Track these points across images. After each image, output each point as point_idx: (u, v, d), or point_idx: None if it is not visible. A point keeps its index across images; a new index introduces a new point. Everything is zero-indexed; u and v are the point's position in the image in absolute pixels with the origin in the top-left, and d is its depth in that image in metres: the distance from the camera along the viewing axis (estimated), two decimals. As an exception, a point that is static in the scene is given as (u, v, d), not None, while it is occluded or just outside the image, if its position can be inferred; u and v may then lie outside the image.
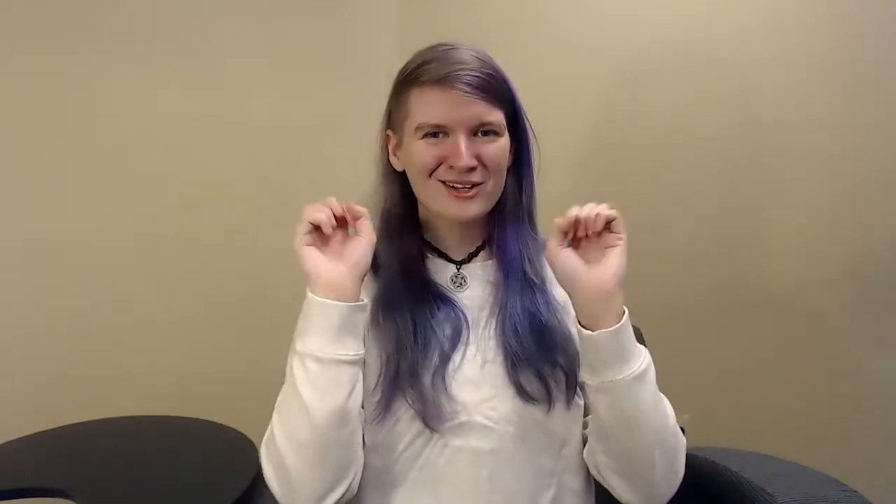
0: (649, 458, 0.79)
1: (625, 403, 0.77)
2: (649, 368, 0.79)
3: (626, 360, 0.77)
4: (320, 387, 0.76)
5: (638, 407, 0.77)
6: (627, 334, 0.77)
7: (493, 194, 0.87)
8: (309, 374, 0.76)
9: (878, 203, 1.68)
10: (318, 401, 0.75)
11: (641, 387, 0.77)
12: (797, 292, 1.73)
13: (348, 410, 0.77)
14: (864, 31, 1.64)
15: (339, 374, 0.77)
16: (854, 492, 0.93)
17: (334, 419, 0.76)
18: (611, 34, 1.71)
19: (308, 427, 0.75)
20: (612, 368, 0.77)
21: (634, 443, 0.79)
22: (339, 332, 0.76)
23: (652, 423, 0.78)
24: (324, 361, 0.76)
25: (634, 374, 0.76)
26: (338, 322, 0.76)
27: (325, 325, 0.76)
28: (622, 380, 0.76)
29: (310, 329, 0.77)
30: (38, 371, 1.60)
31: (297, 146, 1.71)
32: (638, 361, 0.77)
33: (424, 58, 0.84)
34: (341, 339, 0.77)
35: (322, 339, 0.76)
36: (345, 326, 0.77)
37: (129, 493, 1.12)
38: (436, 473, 0.84)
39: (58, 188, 1.60)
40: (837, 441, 1.71)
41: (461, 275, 0.91)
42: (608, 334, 0.76)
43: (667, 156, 1.72)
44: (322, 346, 0.76)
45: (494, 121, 0.84)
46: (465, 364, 0.86)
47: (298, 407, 0.76)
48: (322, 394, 0.76)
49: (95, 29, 1.59)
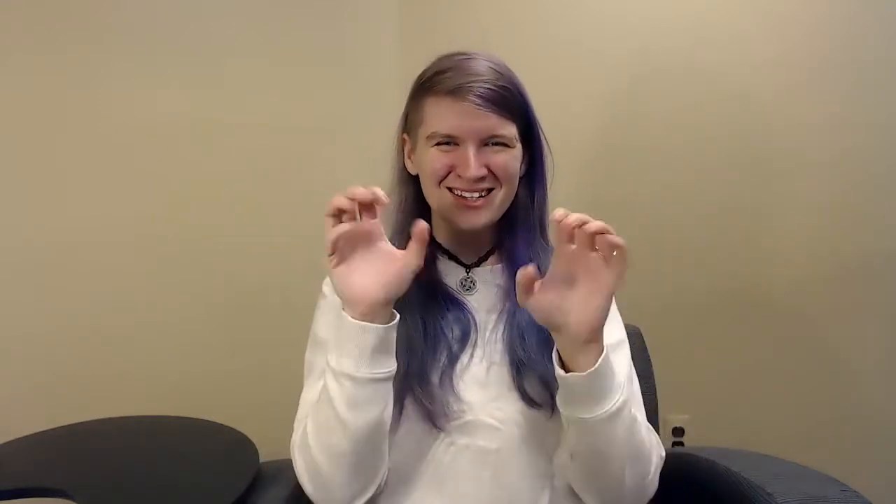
0: (618, 482, 0.79)
1: (595, 439, 0.77)
2: (624, 406, 0.77)
3: (599, 401, 0.75)
4: (356, 404, 0.77)
5: (609, 442, 0.77)
6: (602, 376, 0.74)
7: (503, 204, 0.88)
8: (344, 390, 0.77)
9: (878, 203, 1.68)
10: (353, 417, 0.76)
11: (614, 424, 0.76)
12: (797, 292, 1.73)
13: (383, 422, 0.79)
14: (864, 31, 1.64)
15: (375, 390, 0.77)
16: (854, 492, 0.93)
17: (370, 431, 0.77)
18: (612, 34, 1.71)
19: (344, 440, 0.77)
20: (584, 407, 0.75)
21: (603, 469, 0.80)
22: (374, 352, 0.76)
23: (623, 453, 0.78)
24: (358, 381, 0.76)
25: (607, 414, 0.75)
26: (373, 344, 0.76)
27: (361, 348, 0.76)
28: (593, 418, 0.75)
29: (344, 349, 0.77)
30: (38, 371, 1.60)
31: (296, 146, 1.71)
32: (612, 401, 0.75)
33: (441, 66, 0.85)
34: (376, 359, 0.77)
35: (356, 361, 0.76)
36: (379, 348, 0.77)
37: (129, 493, 1.11)
38: (441, 471, 0.85)
39: (57, 188, 1.60)
40: (837, 441, 1.71)
41: (470, 278, 0.93)
42: (581, 377, 0.74)
43: (667, 156, 1.72)
44: (357, 367, 0.76)
45: (506, 134, 0.84)
46: (472, 366, 0.87)
47: (334, 420, 0.77)
48: (358, 411, 0.77)
49: (95, 29, 1.59)
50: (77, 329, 1.61)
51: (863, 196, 1.68)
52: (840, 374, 1.73)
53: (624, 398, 0.77)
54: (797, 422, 1.73)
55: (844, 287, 1.71)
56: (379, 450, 0.81)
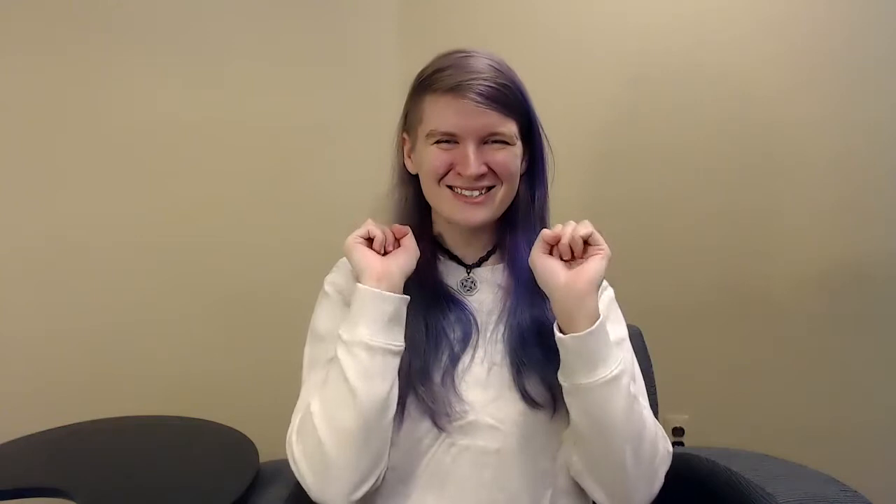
0: (619, 462, 0.79)
1: (593, 407, 0.78)
2: (622, 375, 0.78)
3: (597, 365, 0.77)
4: (368, 374, 0.78)
5: (607, 411, 0.77)
6: (599, 339, 0.77)
7: (503, 201, 0.88)
8: (357, 361, 0.78)
9: (877, 204, 1.68)
10: (365, 388, 0.77)
11: (612, 392, 0.77)
12: (797, 292, 1.73)
13: (390, 399, 0.80)
14: (864, 31, 1.64)
15: (386, 363, 0.79)
16: (854, 492, 0.93)
17: (379, 406, 0.78)
18: (612, 34, 1.71)
19: (354, 414, 0.77)
20: (581, 372, 0.77)
21: (605, 447, 0.79)
22: (390, 322, 0.80)
23: (624, 429, 0.78)
24: (373, 349, 0.78)
25: (604, 379, 0.76)
26: (390, 312, 0.79)
27: (377, 315, 0.79)
28: (591, 384, 0.77)
29: (360, 318, 0.79)
30: (37, 371, 1.60)
31: (296, 146, 1.71)
32: (610, 367, 0.77)
33: (440, 64, 0.85)
34: (391, 329, 0.80)
35: (373, 328, 0.79)
36: (394, 318, 0.80)
37: (129, 493, 1.11)
38: (442, 471, 0.85)
39: (57, 188, 1.60)
40: (837, 441, 1.71)
41: (471, 278, 0.93)
42: (577, 338, 0.76)
43: (667, 156, 1.72)
44: (373, 335, 0.79)
45: (505, 131, 0.84)
46: (474, 366, 0.87)
47: (344, 394, 0.78)
48: (370, 381, 0.78)
49: (95, 29, 1.59)
50: (77, 329, 1.62)
51: (863, 196, 1.68)
52: (840, 374, 1.73)
53: (622, 368, 0.78)
54: (797, 422, 1.73)
55: (845, 287, 1.71)
56: (385, 432, 0.80)
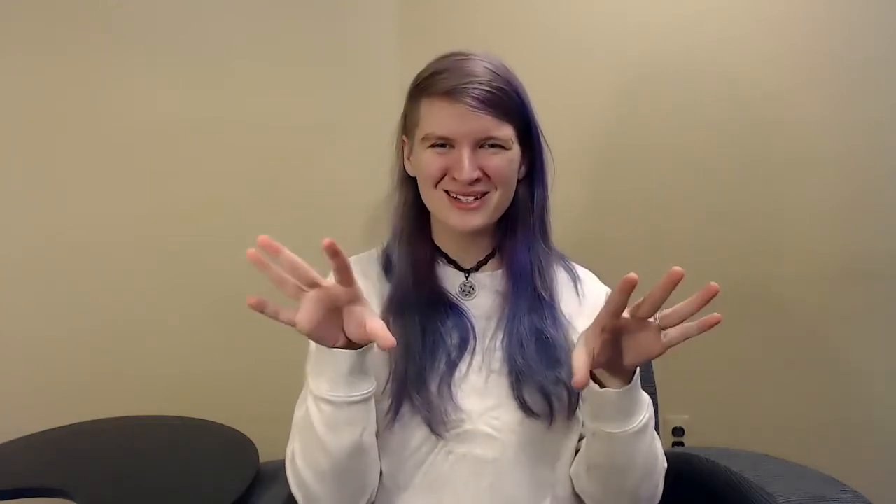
0: (633, 493, 0.81)
1: (619, 454, 0.78)
2: (649, 423, 0.78)
3: (628, 417, 0.76)
4: (334, 426, 0.77)
5: (633, 456, 0.78)
6: (635, 392, 0.76)
7: (499, 206, 0.87)
8: (323, 414, 0.77)
9: (879, 203, 1.68)
10: (332, 438, 0.77)
11: (639, 440, 0.77)
12: (798, 292, 1.72)
13: (363, 443, 0.79)
14: (864, 31, 1.64)
15: (353, 414, 0.77)
16: (854, 492, 0.93)
17: (351, 453, 0.78)
18: (612, 35, 1.70)
19: (326, 460, 0.77)
20: (613, 423, 0.76)
21: (621, 482, 0.80)
22: (350, 375, 0.76)
23: (641, 467, 0.79)
24: (336, 404, 0.76)
25: (634, 430, 0.76)
26: (347, 369, 0.75)
27: (336, 372, 0.75)
28: (621, 434, 0.76)
29: (320, 372, 0.76)
30: (38, 371, 1.60)
31: (296, 146, 1.71)
32: (640, 416, 0.76)
33: (437, 67, 0.84)
34: (352, 382, 0.76)
35: (332, 385, 0.76)
36: (354, 370, 0.76)
37: (129, 493, 1.11)
38: (439, 480, 0.85)
39: (57, 188, 1.60)
40: (837, 441, 1.71)
41: (469, 283, 0.91)
42: (616, 394, 0.74)
43: (668, 157, 1.72)
44: (333, 391, 0.76)
45: (501, 135, 0.83)
46: (471, 374, 0.86)
47: (316, 443, 0.78)
48: (336, 432, 0.77)
49: (95, 29, 1.59)
50: (77, 329, 1.61)
51: (864, 196, 1.68)
52: (840, 374, 1.73)
53: (650, 414, 0.78)
54: (797, 422, 1.73)
55: (845, 287, 1.70)
56: (362, 468, 0.81)
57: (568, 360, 0.83)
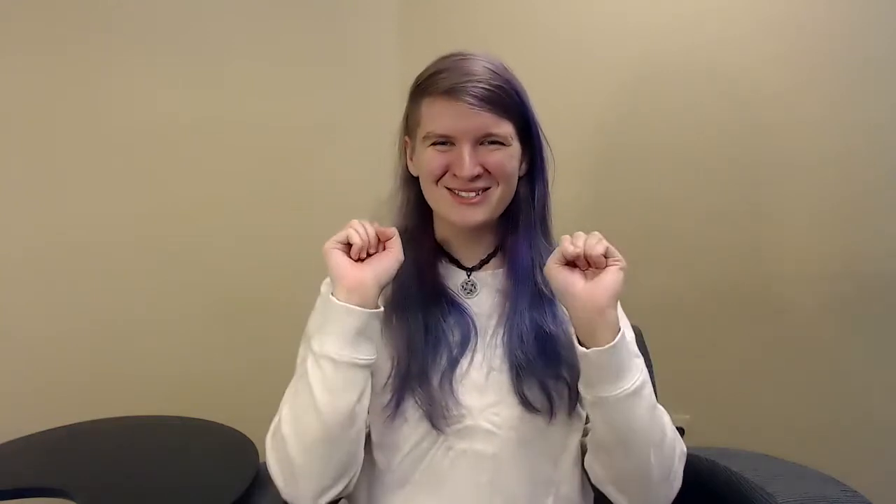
0: (644, 470, 0.79)
1: (618, 418, 0.78)
2: (644, 385, 0.79)
3: (620, 377, 0.77)
4: (333, 388, 0.77)
5: (631, 422, 0.78)
6: (622, 352, 0.77)
7: (501, 202, 0.88)
8: (324, 374, 0.78)
9: (877, 204, 1.68)
10: (329, 401, 0.77)
11: (635, 403, 0.77)
12: (797, 293, 1.72)
13: (356, 413, 0.79)
14: (864, 31, 1.64)
15: (353, 377, 0.78)
16: (854, 492, 0.93)
17: (343, 420, 0.78)
18: (612, 35, 1.71)
19: (318, 425, 0.77)
20: (605, 384, 0.77)
21: (629, 456, 0.80)
22: (357, 336, 0.78)
23: (647, 437, 0.79)
24: (339, 364, 0.78)
25: (628, 391, 0.77)
26: (357, 327, 0.78)
27: (344, 329, 0.78)
28: (615, 396, 0.77)
29: (328, 331, 0.79)
30: (38, 371, 1.60)
31: (296, 146, 1.71)
32: (632, 378, 0.77)
33: (437, 67, 0.86)
34: (358, 344, 0.78)
35: (339, 342, 0.78)
36: (362, 332, 0.78)
37: (129, 493, 1.12)
38: (439, 475, 0.85)
39: (57, 188, 1.60)
40: (837, 441, 1.71)
41: (471, 281, 0.92)
42: (601, 352, 0.76)
43: (667, 157, 1.72)
44: (339, 349, 0.78)
45: (501, 133, 0.85)
46: (472, 370, 0.87)
47: (309, 405, 0.78)
48: (334, 395, 0.77)
49: (95, 29, 1.59)
50: (77, 329, 1.62)
51: (863, 196, 1.68)
52: (840, 374, 1.73)
53: (644, 378, 0.78)
54: (797, 422, 1.73)
55: (845, 287, 1.70)
56: (351, 443, 0.80)
57: (567, 356, 0.85)
